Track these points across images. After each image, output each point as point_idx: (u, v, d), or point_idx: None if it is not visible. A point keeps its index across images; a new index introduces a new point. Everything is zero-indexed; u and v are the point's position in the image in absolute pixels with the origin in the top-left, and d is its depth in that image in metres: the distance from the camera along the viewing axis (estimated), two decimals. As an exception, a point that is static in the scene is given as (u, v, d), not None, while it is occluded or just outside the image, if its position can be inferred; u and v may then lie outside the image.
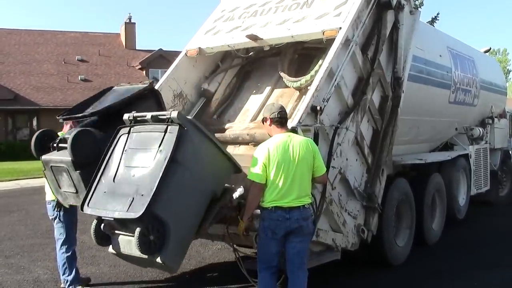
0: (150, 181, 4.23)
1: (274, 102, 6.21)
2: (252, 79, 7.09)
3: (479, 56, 11.10)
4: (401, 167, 7.50)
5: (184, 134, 4.39)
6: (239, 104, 6.85)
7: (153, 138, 4.50)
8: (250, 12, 7.12)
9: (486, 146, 10.68)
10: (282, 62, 6.62)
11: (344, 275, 6.55)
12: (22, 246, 8.36)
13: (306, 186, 4.67)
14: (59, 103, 29.87)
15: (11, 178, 18.30)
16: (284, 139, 4.63)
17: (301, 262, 4.69)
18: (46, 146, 5.36)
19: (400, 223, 7.29)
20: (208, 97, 7.03)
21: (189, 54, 7.07)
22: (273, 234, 4.56)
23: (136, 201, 4.21)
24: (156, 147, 4.41)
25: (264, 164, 4.54)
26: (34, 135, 5.54)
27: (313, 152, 4.68)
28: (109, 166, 4.68)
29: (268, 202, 4.58)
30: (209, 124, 6.62)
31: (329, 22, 6.05)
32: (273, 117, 4.75)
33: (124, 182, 4.49)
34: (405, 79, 6.84)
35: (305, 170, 4.62)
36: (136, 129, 4.74)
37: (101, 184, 4.63)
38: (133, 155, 4.59)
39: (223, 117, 6.81)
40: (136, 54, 37.00)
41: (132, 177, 4.46)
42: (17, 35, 35.49)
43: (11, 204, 12.80)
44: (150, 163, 4.37)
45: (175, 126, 4.39)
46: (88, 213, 4.55)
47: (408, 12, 7.01)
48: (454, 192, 9.16)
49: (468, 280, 6.58)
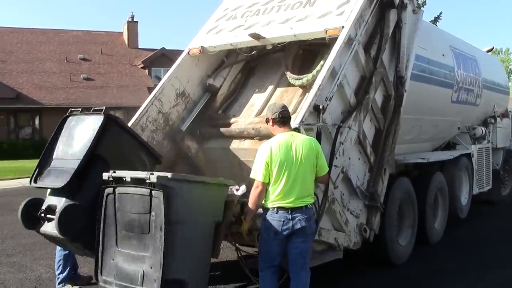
0: (154, 252, 4.26)
1: (276, 101, 6.24)
2: (256, 75, 7.14)
3: (482, 56, 11.08)
4: (403, 166, 7.49)
5: (170, 194, 4.26)
6: (244, 99, 6.91)
7: (141, 201, 4.41)
8: (252, 11, 7.12)
9: (489, 146, 10.66)
10: (286, 59, 6.67)
11: (346, 274, 6.54)
12: (25, 244, 8.37)
13: (309, 185, 4.65)
14: (61, 102, 29.94)
15: (14, 177, 18.32)
16: (287, 138, 4.62)
17: (303, 262, 4.68)
18: (33, 215, 5.12)
19: (402, 222, 7.28)
20: (213, 92, 7.07)
21: (191, 53, 7.08)
22: (276, 234, 4.54)
23: (148, 276, 4.27)
24: (147, 211, 4.35)
25: (266, 163, 4.52)
26: (21, 204, 5.21)
27: (316, 151, 4.67)
28: (108, 234, 4.66)
29: (270, 202, 4.56)
30: (215, 119, 6.77)
31: (331, 21, 6.05)
32: (275, 117, 4.74)
33: (129, 249, 4.50)
34: (408, 78, 6.83)
35: (308, 170, 4.61)
36: (120, 190, 4.60)
37: (107, 253, 4.66)
38: (127, 219, 4.54)
39: (228, 112, 6.87)
40: (139, 53, 37.04)
41: (133, 244, 4.47)
42: (20, 34, 35.53)
43: (14, 203, 12.76)
44: (146, 229, 4.35)
45: (159, 191, 4.25)
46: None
47: (411, 11, 7.00)
48: (456, 192, 9.14)
49: (470, 280, 6.58)
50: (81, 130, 5.27)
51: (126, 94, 32.10)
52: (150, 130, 6.56)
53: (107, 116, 5.15)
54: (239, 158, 6.25)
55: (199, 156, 6.77)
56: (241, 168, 6.16)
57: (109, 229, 4.66)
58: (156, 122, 6.63)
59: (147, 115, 6.55)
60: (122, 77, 34.14)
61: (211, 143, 6.68)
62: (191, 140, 6.78)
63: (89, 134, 5.10)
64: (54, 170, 5.22)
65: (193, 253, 4.52)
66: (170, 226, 4.22)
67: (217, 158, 6.53)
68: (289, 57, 6.67)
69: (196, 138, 6.81)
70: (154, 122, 6.61)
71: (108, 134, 5.13)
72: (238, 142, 6.22)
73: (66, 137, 5.35)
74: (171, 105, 6.78)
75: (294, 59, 6.69)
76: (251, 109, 6.61)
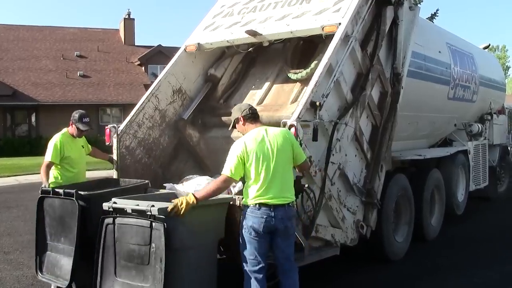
0: (153, 284, 4.21)
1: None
2: (257, 66, 7.21)
3: (478, 53, 11.09)
4: (400, 163, 7.50)
5: (172, 224, 4.23)
6: (245, 89, 7.01)
7: (141, 232, 4.35)
8: (249, 7, 7.13)
9: (485, 142, 10.70)
10: (285, 52, 6.75)
11: (343, 271, 6.56)
12: (21, 242, 8.36)
13: (289, 179, 4.57)
14: (57, 99, 29.91)
15: (10, 174, 18.30)
16: (260, 132, 4.56)
17: (291, 264, 4.61)
18: None
19: (399, 218, 7.30)
20: (214, 82, 7.15)
21: (188, 50, 7.08)
22: (257, 233, 4.41)
23: None
24: (147, 242, 4.30)
25: (240, 159, 4.41)
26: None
27: (290, 141, 4.59)
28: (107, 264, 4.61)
29: (251, 199, 4.43)
30: (216, 109, 6.88)
31: (328, 18, 6.04)
32: (245, 114, 4.69)
33: (128, 280, 4.44)
34: (405, 75, 6.84)
35: (286, 161, 4.53)
36: (120, 220, 4.54)
37: (105, 283, 4.59)
38: (126, 249, 4.48)
39: (229, 101, 6.95)
40: (135, 50, 36.96)
41: (133, 275, 4.42)
42: (16, 31, 35.42)
43: (10, 200, 12.79)
44: (146, 260, 4.30)
45: (160, 223, 4.21)
46: None
47: (408, 8, 7.00)
48: (453, 188, 9.17)
49: (467, 276, 6.60)
50: (62, 215, 5.26)
51: (122, 91, 32.07)
52: (146, 126, 6.58)
53: (80, 199, 5.06)
54: None
55: (200, 145, 6.84)
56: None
57: (108, 259, 4.60)
58: (153, 119, 6.64)
59: (144, 112, 6.56)
60: (119, 74, 34.06)
61: (212, 132, 6.77)
62: (192, 129, 6.85)
63: (72, 220, 5.08)
64: (53, 259, 5.35)
65: (200, 276, 4.50)
66: (175, 254, 4.19)
67: (218, 147, 6.54)
68: (288, 49, 6.73)
69: (197, 127, 6.89)
70: (151, 119, 6.62)
71: (88, 214, 5.05)
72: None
73: (50, 220, 5.38)
74: (167, 102, 6.79)
75: (294, 52, 6.75)
76: (252, 98, 6.69)
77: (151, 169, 6.63)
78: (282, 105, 6.32)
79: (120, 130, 6.31)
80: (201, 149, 6.83)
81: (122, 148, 6.32)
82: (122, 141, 6.32)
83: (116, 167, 6.33)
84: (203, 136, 6.83)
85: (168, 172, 6.77)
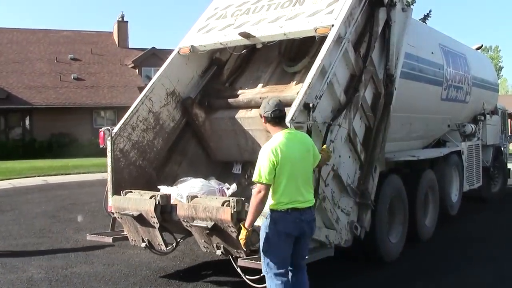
0: None
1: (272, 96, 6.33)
2: (262, 51, 7.22)
3: (471, 53, 11.14)
4: (393, 164, 7.53)
5: None
6: (250, 74, 7.24)
7: None
8: (242, 10, 7.14)
9: (478, 143, 10.73)
10: (282, 44, 6.92)
11: (337, 272, 6.57)
12: (16, 245, 8.33)
13: (311, 182, 4.67)
14: (51, 102, 29.79)
15: (4, 178, 18.18)
16: (288, 137, 4.50)
17: (304, 262, 4.72)
18: None
19: (393, 219, 7.31)
20: (219, 66, 7.35)
21: (181, 52, 7.10)
22: (287, 236, 4.41)
23: None
24: None
25: (273, 163, 4.33)
26: None
27: (311, 144, 4.68)
28: None
29: (283, 204, 4.38)
30: (222, 91, 7.16)
31: (321, 20, 6.07)
32: (267, 116, 4.61)
33: None
34: (398, 76, 6.87)
35: (309, 165, 4.61)
36: None
37: None
38: None
39: (235, 84, 7.24)
40: (129, 52, 36.89)
41: None
42: (9, 34, 35.30)
43: (4, 204, 12.74)
44: None
45: None
46: None
47: (400, 9, 7.03)
48: (447, 189, 9.19)
49: (461, 276, 6.62)
50: None
51: (116, 94, 31.98)
52: (140, 129, 6.59)
53: None
54: (244, 127, 6.58)
55: (205, 126, 7.04)
56: (246, 137, 6.59)
57: None
58: (147, 121, 6.66)
59: (138, 114, 6.57)
60: (113, 76, 33.98)
61: (218, 113, 6.97)
62: (199, 109, 7.03)
63: None
64: None
65: None
66: None
67: (223, 128, 6.84)
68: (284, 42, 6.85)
69: (204, 108, 7.06)
70: (145, 121, 6.64)
71: None
72: (245, 112, 6.56)
73: None
74: (161, 104, 6.80)
75: (291, 44, 6.93)
76: (258, 81, 6.92)
77: (145, 171, 6.64)
78: (287, 85, 6.56)
79: (114, 133, 6.31)
80: (206, 130, 7.04)
81: (116, 150, 6.33)
82: (116, 143, 6.32)
83: (110, 169, 6.33)
84: (209, 117, 7.01)
85: (162, 175, 6.78)
